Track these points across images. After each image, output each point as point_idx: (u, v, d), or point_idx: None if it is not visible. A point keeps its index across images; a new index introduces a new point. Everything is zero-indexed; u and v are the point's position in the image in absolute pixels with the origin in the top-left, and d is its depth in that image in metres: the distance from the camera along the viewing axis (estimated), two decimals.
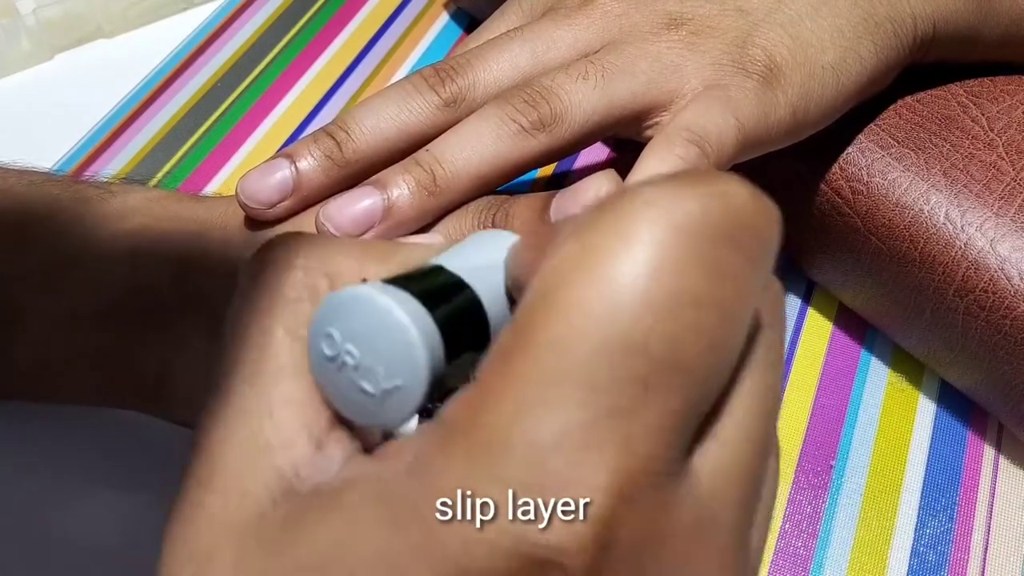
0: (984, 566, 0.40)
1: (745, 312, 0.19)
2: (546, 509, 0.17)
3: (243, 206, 0.34)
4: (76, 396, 0.38)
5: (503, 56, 0.36)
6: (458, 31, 0.60)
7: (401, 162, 0.34)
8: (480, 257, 0.25)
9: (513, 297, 0.24)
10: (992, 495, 0.41)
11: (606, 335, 0.17)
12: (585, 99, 0.34)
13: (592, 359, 0.17)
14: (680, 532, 0.19)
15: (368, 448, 0.22)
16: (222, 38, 0.60)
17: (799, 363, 0.45)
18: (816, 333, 0.47)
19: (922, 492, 0.41)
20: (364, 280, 0.23)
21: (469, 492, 0.18)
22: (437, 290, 0.23)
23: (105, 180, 0.39)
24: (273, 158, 0.34)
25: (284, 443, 0.21)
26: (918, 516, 0.41)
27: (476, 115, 0.34)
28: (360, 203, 0.32)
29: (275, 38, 0.60)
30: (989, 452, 0.43)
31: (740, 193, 0.19)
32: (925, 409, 0.44)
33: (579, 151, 0.35)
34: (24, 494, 0.41)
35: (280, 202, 0.34)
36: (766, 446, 0.21)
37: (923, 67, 0.41)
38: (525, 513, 0.17)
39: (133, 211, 0.36)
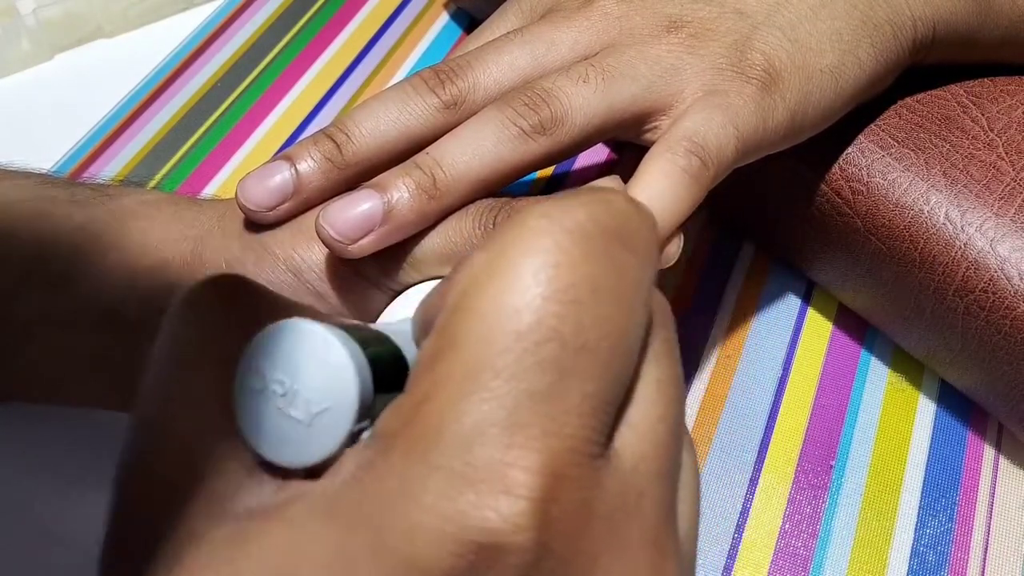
0: (984, 566, 0.40)
1: (639, 301, 0.21)
2: (483, 494, 0.18)
3: (243, 208, 0.34)
4: (79, 399, 0.38)
5: (503, 58, 0.36)
6: (458, 31, 0.60)
7: (401, 165, 0.33)
8: (395, 322, 0.27)
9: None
10: (992, 495, 0.41)
11: (518, 326, 0.19)
12: (585, 102, 0.34)
13: (507, 350, 0.19)
14: (610, 507, 0.20)
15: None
16: (222, 38, 0.60)
17: (799, 363, 0.45)
18: (816, 333, 0.47)
19: (922, 492, 0.41)
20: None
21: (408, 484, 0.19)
22: (362, 333, 0.24)
23: (103, 182, 0.39)
24: (272, 160, 0.34)
25: (216, 471, 0.21)
26: (918, 516, 0.41)
27: (476, 118, 0.34)
28: (359, 207, 0.32)
29: (275, 38, 0.60)
30: (989, 452, 0.43)
31: (619, 199, 0.21)
32: (925, 409, 0.44)
33: (579, 153, 0.35)
34: (23, 494, 0.41)
35: (279, 205, 0.34)
36: (678, 427, 0.23)
37: (923, 68, 0.41)
38: (463, 500, 0.18)
39: (131, 214, 0.36)
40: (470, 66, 0.35)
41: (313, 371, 0.22)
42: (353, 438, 0.22)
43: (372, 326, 0.25)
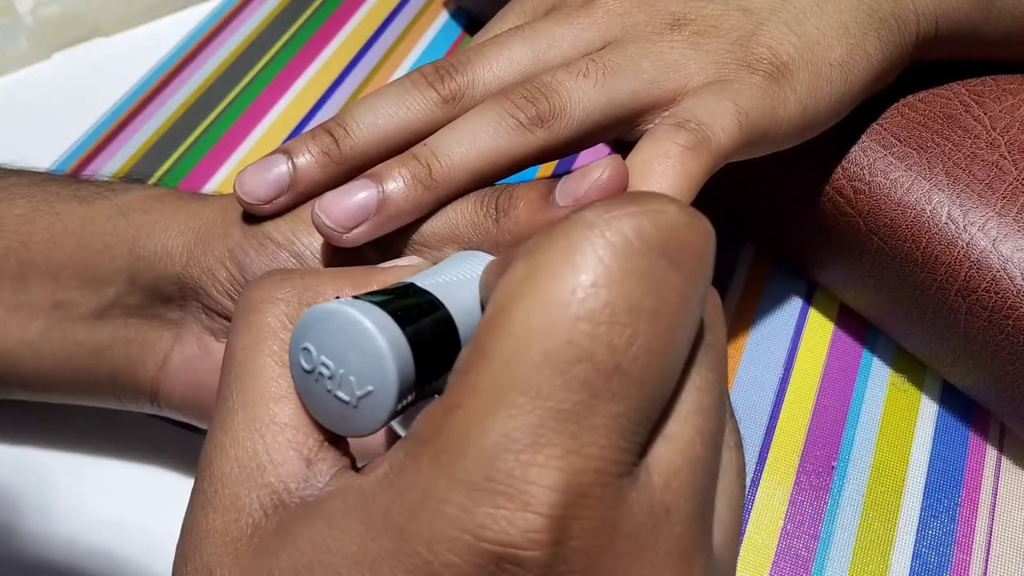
0: (986, 567, 0.39)
1: (684, 321, 0.21)
2: (502, 507, 0.19)
3: (240, 201, 0.34)
4: (79, 395, 0.39)
5: (503, 54, 0.35)
6: (458, 30, 0.60)
7: (398, 156, 0.33)
8: (453, 275, 0.27)
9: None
10: (994, 496, 0.41)
11: (549, 345, 0.19)
12: (585, 96, 0.33)
13: (538, 368, 0.19)
14: (636, 526, 0.20)
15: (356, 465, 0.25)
16: (220, 37, 0.60)
17: (801, 364, 0.45)
18: (818, 334, 0.46)
19: (924, 493, 0.41)
20: (337, 298, 0.25)
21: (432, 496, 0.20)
22: (405, 304, 0.25)
23: (105, 179, 0.39)
24: (271, 154, 0.34)
25: (275, 462, 0.24)
26: (920, 517, 0.41)
27: (475, 110, 0.34)
28: (355, 196, 0.32)
29: (274, 37, 0.60)
30: (991, 453, 0.43)
31: (671, 211, 0.21)
32: (927, 410, 0.44)
33: (579, 150, 0.35)
34: (14, 498, 0.41)
35: (277, 198, 0.34)
36: (716, 438, 0.23)
37: (925, 66, 0.41)
38: (483, 512, 0.19)
39: (133, 208, 0.36)
40: (470, 62, 0.35)
41: (354, 359, 0.23)
42: (403, 410, 0.24)
43: (422, 285, 0.26)
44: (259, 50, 0.59)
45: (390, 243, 0.33)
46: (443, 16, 0.61)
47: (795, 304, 0.47)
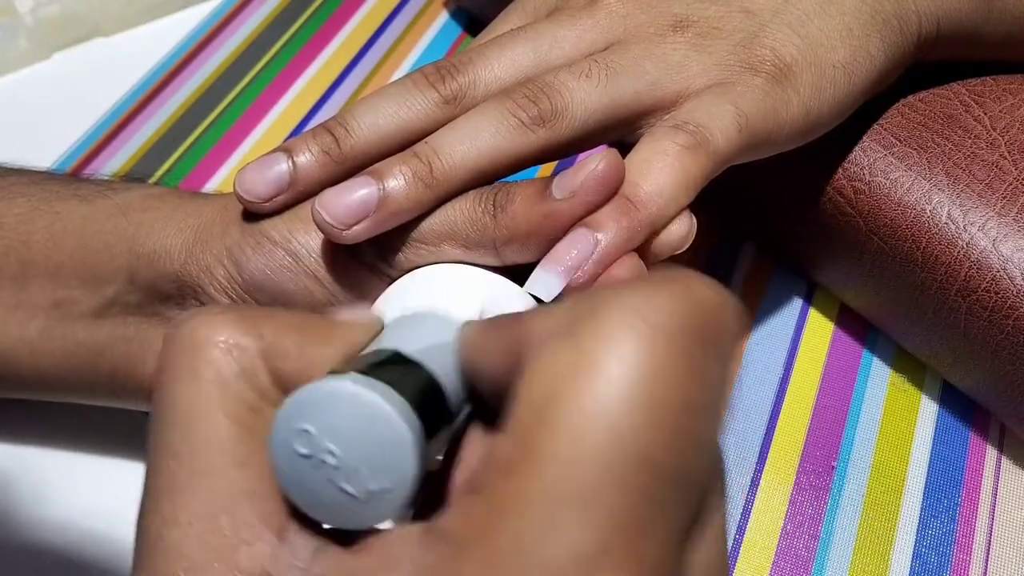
0: (986, 567, 0.39)
1: (720, 410, 0.19)
2: None
3: (240, 199, 0.34)
4: (78, 393, 0.39)
5: (505, 54, 0.35)
6: (458, 30, 0.60)
7: (399, 154, 0.33)
8: (428, 338, 0.25)
9: (466, 376, 0.24)
10: (994, 496, 0.41)
11: (612, 453, 0.18)
12: (587, 97, 0.33)
13: (599, 477, 0.18)
14: None
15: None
16: (220, 37, 0.60)
17: (801, 364, 0.45)
18: (817, 334, 0.46)
19: (924, 493, 0.41)
20: (332, 371, 0.22)
21: None
22: (408, 380, 0.22)
23: (105, 178, 0.39)
24: (271, 152, 0.34)
25: (245, 540, 0.21)
26: (920, 517, 0.41)
27: (476, 109, 0.34)
28: (355, 193, 0.32)
29: (274, 37, 0.60)
30: (991, 453, 0.42)
31: (706, 290, 0.19)
32: (927, 410, 0.44)
33: (580, 151, 0.35)
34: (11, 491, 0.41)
35: (276, 196, 0.34)
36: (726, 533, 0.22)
37: (926, 66, 0.41)
38: None
39: (133, 207, 0.37)
40: (472, 62, 0.35)
41: (370, 450, 0.20)
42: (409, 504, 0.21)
43: (400, 348, 0.24)
44: (259, 50, 0.59)
45: (388, 241, 0.33)
46: (443, 16, 0.61)
47: (795, 304, 0.47)
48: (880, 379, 0.45)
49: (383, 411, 0.20)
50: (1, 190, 0.37)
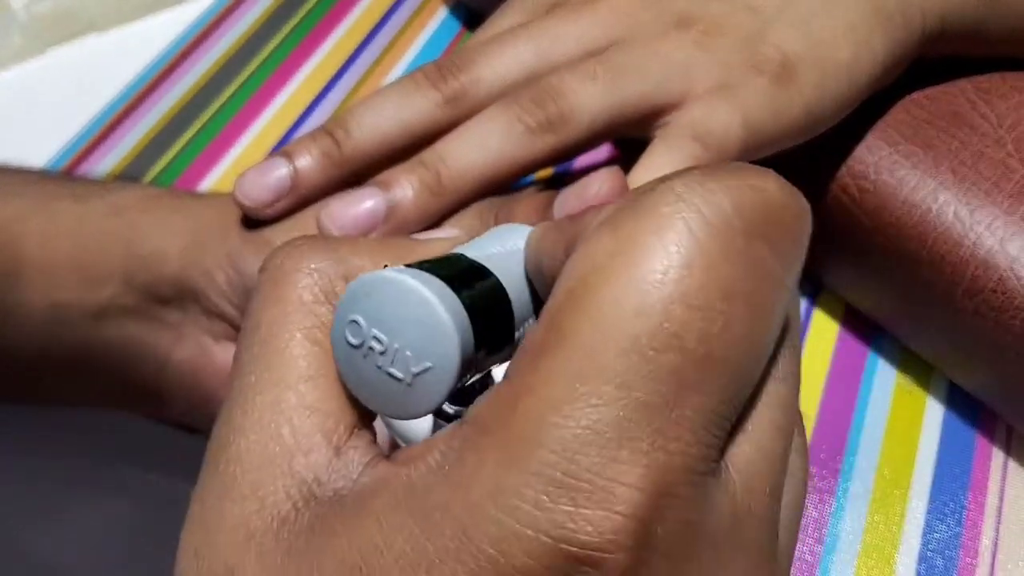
0: (993, 570, 0.39)
1: (777, 308, 0.19)
2: (582, 506, 0.17)
3: (240, 204, 0.33)
4: (78, 398, 0.38)
5: (507, 52, 0.35)
6: (457, 26, 0.60)
7: (406, 162, 0.33)
8: (498, 246, 0.26)
9: (533, 283, 0.25)
10: (1001, 498, 0.41)
11: (637, 330, 0.18)
12: (593, 99, 0.33)
13: (624, 355, 0.18)
14: (718, 529, 0.19)
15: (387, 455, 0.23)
16: (216, 33, 0.59)
17: (805, 365, 0.45)
18: (822, 335, 0.46)
19: (930, 496, 0.41)
20: (385, 267, 0.23)
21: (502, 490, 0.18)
22: (460, 274, 0.23)
23: (102, 179, 0.39)
24: (271, 156, 0.34)
25: (303, 449, 0.21)
26: (926, 520, 0.40)
27: (482, 115, 0.33)
28: (363, 203, 0.31)
29: (270, 33, 0.59)
30: (998, 455, 0.42)
31: (771, 187, 0.19)
32: (933, 412, 0.44)
33: (587, 151, 0.34)
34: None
35: (277, 201, 0.33)
36: (790, 436, 0.21)
37: (931, 63, 0.40)
38: (560, 510, 0.17)
39: (129, 208, 0.36)
40: (473, 60, 0.35)
41: (412, 332, 0.21)
42: (445, 416, 0.22)
43: (467, 253, 0.25)
44: (255, 46, 0.59)
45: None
46: (441, 12, 0.61)
47: (799, 306, 0.47)
48: (886, 381, 0.44)
49: (419, 291, 0.21)
50: (2, 187, 0.37)
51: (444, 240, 0.27)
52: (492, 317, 0.23)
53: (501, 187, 0.33)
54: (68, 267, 0.35)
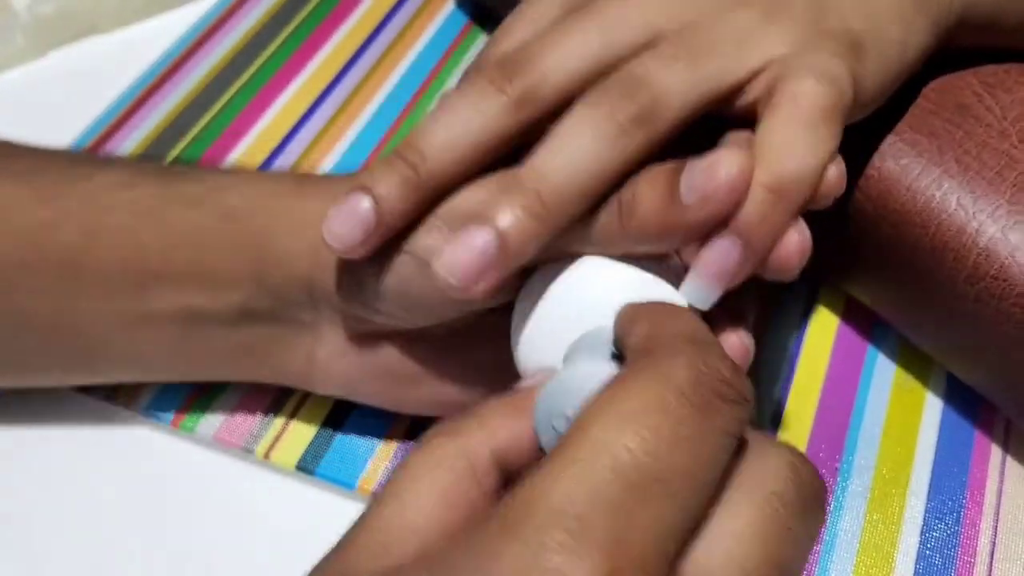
0: (991, 570, 0.38)
1: (720, 447, 0.23)
2: None
3: (331, 248, 0.32)
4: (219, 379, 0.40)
5: (571, 43, 0.33)
6: (463, 19, 0.60)
7: (499, 186, 0.31)
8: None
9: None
10: (999, 497, 0.40)
11: (614, 460, 0.21)
12: (680, 82, 0.31)
13: (600, 471, 0.21)
14: None
15: None
16: (219, 32, 0.59)
17: (804, 362, 0.44)
18: (821, 331, 0.46)
19: (928, 494, 0.40)
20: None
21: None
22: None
23: (203, 169, 0.39)
24: (349, 193, 0.32)
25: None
26: (924, 519, 0.40)
27: (570, 120, 0.31)
28: (474, 244, 0.30)
29: (274, 31, 0.59)
30: (996, 454, 0.41)
31: (714, 358, 0.24)
32: (932, 410, 0.43)
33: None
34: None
35: (367, 239, 0.32)
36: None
37: (938, 55, 0.40)
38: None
39: (246, 211, 0.36)
40: (537, 55, 0.32)
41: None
42: None
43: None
44: (259, 45, 0.59)
45: None
46: (448, 6, 0.61)
47: (799, 303, 0.47)
48: (885, 378, 0.44)
49: (598, 369, 0.27)
50: (104, 193, 0.37)
51: (535, 385, 0.29)
52: None
53: (604, 195, 0.31)
54: (192, 274, 0.36)
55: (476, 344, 0.37)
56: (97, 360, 0.39)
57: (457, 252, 0.30)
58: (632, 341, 0.27)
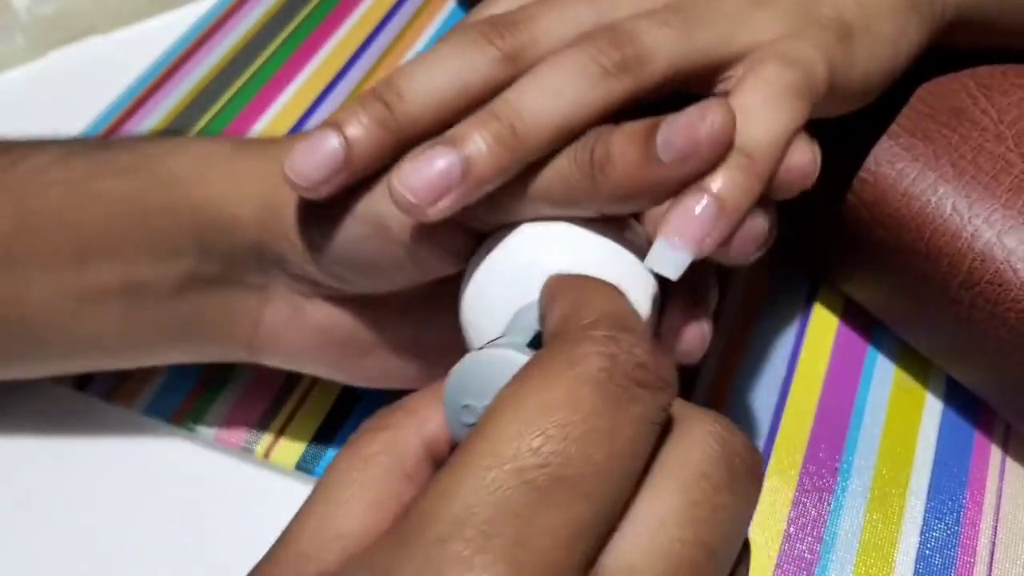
0: (991, 569, 0.39)
1: (638, 439, 0.22)
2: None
3: (291, 184, 0.31)
4: (170, 358, 0.39)
5: (566, 12, 0.32)
6: (463, 14, 0.60)
7: (475, 116, 0.30)
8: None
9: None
10: (999, 496, 0.40)
11: (515, 458, 0.21)
12: (668, 44, 0.31)
13: (502, 470, 0.20)
14: None
15: None
16: (219, 32, 0.59)
17: (804, 363, 0.45)
18: (821, 332, 0.46)
19: (928, 494, 0.41)
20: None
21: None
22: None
23: (138, 137, 0.38)
24: (319, 129, 0.31)
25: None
26: (924, 519, 0.40)
27: (554, 59, 0.30)
28: (435, 164, 0.29)
29: (275, 30, 0.60)
30: (996, 454, 0.42)
31: (637, 347, 0.23)
32: (931, 410, 0.43)
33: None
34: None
35: (331, 178, 0.31)
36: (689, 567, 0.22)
37: (933, 57, 0.40)
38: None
39: (184, 178, 0.35)
40: (531, 18, 0.32)
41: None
42: None
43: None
44: (259, 45, 0.59)
45: (474, 212, 0.30)
46: (449, 4, 0.61)
47: (798, 302, 0.47)
48: (884, 379, 0.44)
49: (516, 358, 0.24)
50: (31, 177, 0.36)
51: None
52: None
53: (575, 136, 0.30)
54: (132, 245, 0.35)
55: (433, 316, 0.36)
56: (50, 346, 0.38)
57: (419, 168, 0.29)
58: (549, 322, 0.25)
